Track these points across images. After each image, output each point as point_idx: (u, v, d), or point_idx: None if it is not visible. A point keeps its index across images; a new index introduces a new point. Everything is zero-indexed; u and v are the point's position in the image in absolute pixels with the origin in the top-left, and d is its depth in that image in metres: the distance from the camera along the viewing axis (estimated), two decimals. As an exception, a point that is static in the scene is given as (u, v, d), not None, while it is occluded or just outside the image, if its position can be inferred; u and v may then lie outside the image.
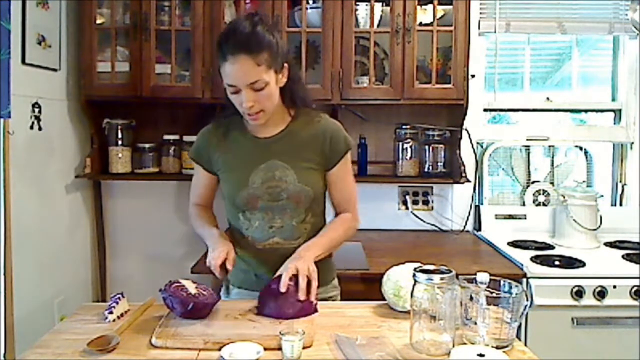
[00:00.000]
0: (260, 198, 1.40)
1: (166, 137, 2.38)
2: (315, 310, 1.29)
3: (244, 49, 1.25)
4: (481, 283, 1.17)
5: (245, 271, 1.49)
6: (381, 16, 2.25)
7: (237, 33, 1.27)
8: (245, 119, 1.39)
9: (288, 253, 1.38)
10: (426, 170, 2.43)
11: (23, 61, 1.90)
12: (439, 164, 2.43)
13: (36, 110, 1.99)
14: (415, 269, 1.15)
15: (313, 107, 1.50)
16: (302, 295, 1.25)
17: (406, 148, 2.41)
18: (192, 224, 1.55)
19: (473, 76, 2.35)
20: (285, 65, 1.36)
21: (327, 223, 1.52)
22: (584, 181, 2.54)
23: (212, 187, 1.54)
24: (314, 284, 1.28)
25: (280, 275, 1.29)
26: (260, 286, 1.35)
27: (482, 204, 2.55)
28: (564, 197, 2.25)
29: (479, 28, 2.50)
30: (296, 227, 1.43)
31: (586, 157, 2.58)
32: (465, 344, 1.13)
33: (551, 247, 2.20)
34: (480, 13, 2.51)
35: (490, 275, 1.18)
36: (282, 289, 1.24)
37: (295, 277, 1.27)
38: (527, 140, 2.55)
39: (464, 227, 2.54)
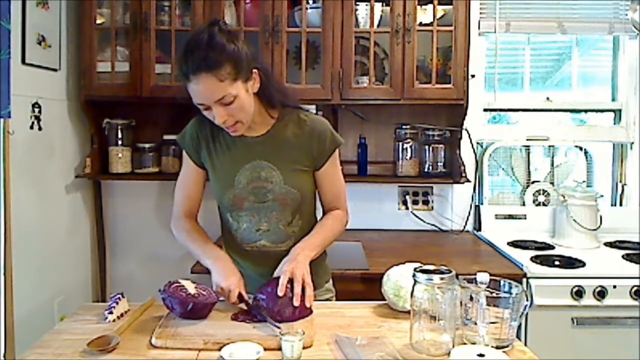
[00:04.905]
0: (246, 199, 1.40)
1: (166, 137, 2.37)
2: (311, 312, 1.28)
3: (204, 67, 1.20)
4: (481, 283, 1.17)
5: None
6: (381, 16, 2.25)
7: (195, 51, 1.22)
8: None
9: (276, 256, 1.37)
10: (426, 170, 2.43)
11: (23, 61, 1.89)
12: (439, 164, 2.43)
13: (36, 110, 1.99)
14: (415, 269, 1.16)
15: (297, 106, 1.47)
16: (296, 302, 1.24)
17: (406, 148, 2.41)
18: (180, 240, 1.47)
19: (473, 76, 2.35)
20: (254, 71, 1.31)
21: (318, 220, 1.50)
22: (584, 181, 2.54)
23: (200, 185, 1.48)
24: (309, 291, 1.26)
25: (275, 278, 1.28)
26: (248, 287, 1.35)
27: (482, 204, 2.55)
28: (564, 197, 2.25)
29: (479, 28, 2.50)
30: (283, 230, 1.43)
31: (586, 157, 2.58)
32: (465, 344, 1.13)
33: (551, 247, 2.20)
34: (480, 13, 2.51)
35: (490, 275, 1.18)
36: (280, 293, 1.23)
37: (290, 281, 1.27)
38: (527, 140, 2.55)
39: (464, 227, 2.54)
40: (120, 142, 2.35)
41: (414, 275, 1.14)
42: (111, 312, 1.27)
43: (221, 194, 1.41)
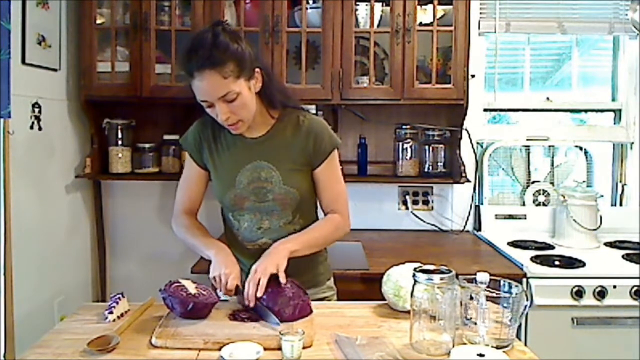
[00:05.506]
0: (247, 199, 1.41)
1: (166, 137, 2.37)
2: (311, 311, 1.28)
3: (208, 64, 1.23)
4: (481, 283, 1.17)
5: None
6: (381, 16, 2.25)
7: (199, 49, 1.25)
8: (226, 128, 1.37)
9: None
10: (426, 170, 2.43)
11: (23, 61, 1.90)
12: (439, 164, 2.43)
13: (36, 110, 1.99)
14: (415, 269, 1.16)
15: (298, 107, 1.48)
16: (259, 290, 1.23)
17: (406, 148, 2.41)
18: (180, 235, 1.48)
19: (473, 76, 2.35)
20: (257, 70, 1.34)
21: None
22: (584, 181, 2.54)
23: (202, 186, 1.51)
24: (281, 273, 1.26)
25: (273, 278, 1.28)
26: None
27: (482, 204, 2.55)
28: (564, 197, 2.25)
29: (479, 28, 2.50)
30: (284, 228, 1.43)
31: (586, 157, 2.58)
32: (465, 344, 1.13)
33: (551, 247, 2.20)
34: (480, 13, 2.51)
35: (490, 275, 1.18)
36: (246, 302, 1.24)
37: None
38: (527, 140, 2.55)
39: (464, 227, 2.54)
40: (120, 142, 2.35)
41: (414, 275, 1.14)
42: (111, 312, 1.27)
43: (223, 193, 1.43)
